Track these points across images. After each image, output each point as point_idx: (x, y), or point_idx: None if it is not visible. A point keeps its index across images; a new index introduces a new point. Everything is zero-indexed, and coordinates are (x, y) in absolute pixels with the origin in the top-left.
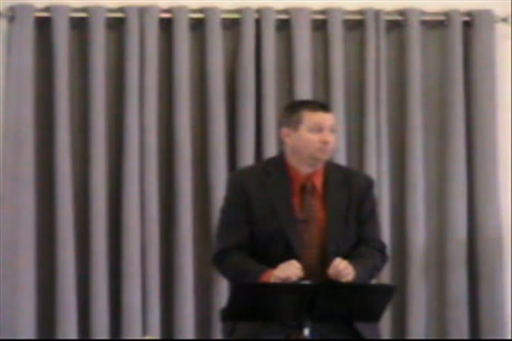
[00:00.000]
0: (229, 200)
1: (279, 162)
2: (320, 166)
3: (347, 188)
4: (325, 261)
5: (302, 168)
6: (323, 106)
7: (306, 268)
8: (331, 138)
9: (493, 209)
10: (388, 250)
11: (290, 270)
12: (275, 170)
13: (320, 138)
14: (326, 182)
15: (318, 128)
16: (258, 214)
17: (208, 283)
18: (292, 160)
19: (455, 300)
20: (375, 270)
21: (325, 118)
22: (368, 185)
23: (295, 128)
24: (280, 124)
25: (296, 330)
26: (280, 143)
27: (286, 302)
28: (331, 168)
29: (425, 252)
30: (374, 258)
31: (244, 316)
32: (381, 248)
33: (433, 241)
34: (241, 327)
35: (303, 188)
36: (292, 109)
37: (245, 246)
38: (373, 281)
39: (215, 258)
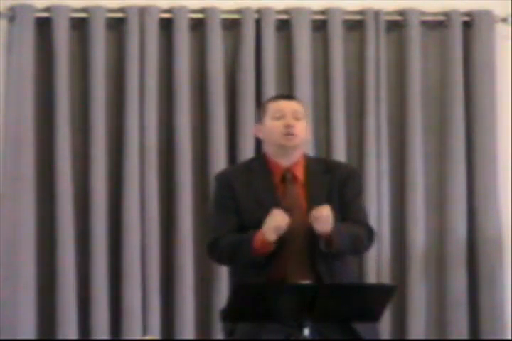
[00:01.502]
0: (216, 197)
1: (261, 158)
2: (298, 157)
3: (328, 177)
4: (311, 246)
5: (281, 160)
6: (286, 95)
7: (293, 253)
8: (294, 122)
9: (493, 209)
10: (386, 247)
11: (277, 219)
12: (257, 166)
13: (282, 123)
14: (307, 172)
15: (280, 115)
16: (245, 207)
17: (208, 283)
18: (270, 153)
19: (455, 300)
20: (358, 239)
21: (285, 104)
22: (351, 172)
23: (262, 121)
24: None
25: (296, 330)
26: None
27: (286, 302)
28: (311, 160)
29: (425, 252)
30: (359, 229)
31: (244, 316)
32: (368, 229)
33: (433, 241)
34: (241, 327)
35: (284, 179)
36: (261, 107)
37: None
38: (361, 265)
39: (209, 247)
